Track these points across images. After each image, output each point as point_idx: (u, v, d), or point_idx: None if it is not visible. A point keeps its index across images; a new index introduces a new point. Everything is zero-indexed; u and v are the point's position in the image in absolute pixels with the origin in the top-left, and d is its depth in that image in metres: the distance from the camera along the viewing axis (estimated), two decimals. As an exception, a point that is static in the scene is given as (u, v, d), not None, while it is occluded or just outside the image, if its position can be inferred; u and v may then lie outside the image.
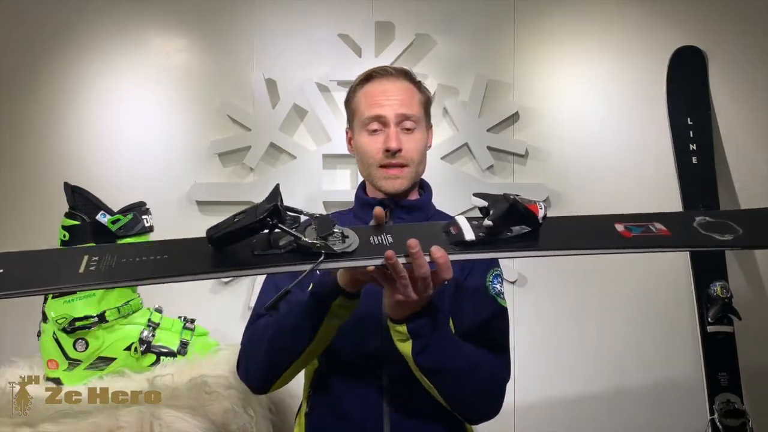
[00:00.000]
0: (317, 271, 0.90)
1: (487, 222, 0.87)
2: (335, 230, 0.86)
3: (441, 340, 0.99)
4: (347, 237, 0.87)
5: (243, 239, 0.84)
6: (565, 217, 0.98)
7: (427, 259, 0.87)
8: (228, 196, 2.25)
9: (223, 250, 0.84)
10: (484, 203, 0.91)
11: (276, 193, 0.84)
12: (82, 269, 0.81)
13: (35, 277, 0.81)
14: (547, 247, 0.90)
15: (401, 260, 0.86)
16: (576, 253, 0.91)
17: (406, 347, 0.98)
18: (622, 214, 0.97)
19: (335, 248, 0.84)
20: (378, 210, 0.90)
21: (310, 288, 1.02)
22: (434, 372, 1.00)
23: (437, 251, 0.87)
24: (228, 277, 0.86)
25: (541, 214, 0.88)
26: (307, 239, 0.84)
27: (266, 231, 0.84)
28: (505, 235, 0.89)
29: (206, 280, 0.86)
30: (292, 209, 0.87)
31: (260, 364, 1.07)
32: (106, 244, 1.32)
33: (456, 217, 0.93)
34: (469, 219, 0.92)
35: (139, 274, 0.82)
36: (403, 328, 0.96)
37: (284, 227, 0.83)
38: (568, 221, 0.98)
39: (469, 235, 0.88)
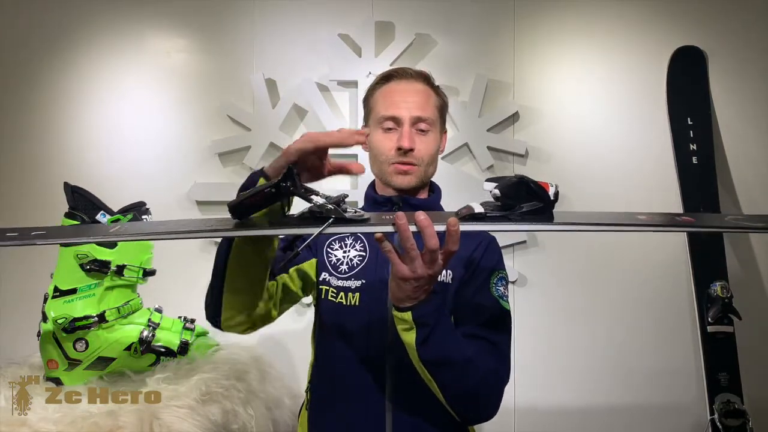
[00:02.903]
0: None
1: (495, 191, 0.87)
2: (349, 208, 0.88)
3: (444, 331, 0.99)
4: (359, 212, 0.89)
5: (260, 207, 0.88)
6: (582, 212, 0.96)
7: (437, 228, 0.88)
8: (228, 196, 2.21)
9: (242, 221, 0.89)
10: (494, 184, 0.91)
11: (293, 165, 0.88)
12: (112, 230, 0.94)
13: (71, 232, 1.00)
14: (562, 221, 0.88)
15: (412, 228, 0.87)
16: (592, 229, 0.90)
17: (409, 336, 0.99)
18: (646, 212, 0.95)
19: (346, 214, 0.86)
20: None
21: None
22: (435, 363, 1.00)
23: (452, 219, 0.87)
24: (244, 235, 0.95)
25: (551, 190, 0.87)
26: (317, 202, 0.87)
27: (281, 201, 0.88)
28: (516, 210, 0.88)
29: (224, 236, 0.98)
30: (307, 188, 0.90)
31: (209, 291, 1.10)
32: (135, 221, 1.45)
33: (468, 203, 0.94)
34: (482, 203, 0.92)
35: (164, 229, 0.91)
36: (408, 316, 0.97)
37: (297, 192, 0.86)
38: (588, 214, 0.96)
39: (479, 209, 0.89)
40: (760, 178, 2.29)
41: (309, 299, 1.27)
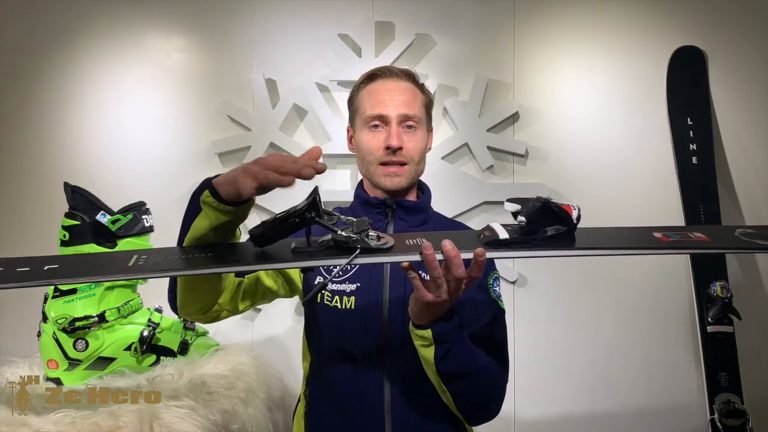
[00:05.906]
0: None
1: (521, 218, 0.87)
2: (371, 232, 0.87)
3: (461, 345, 1.00)
4: (382, 237, 0.89)
5: (283, 235, 0.87)
6: (601, 228, 0.97)
7: (463, 256, 0.87)
8: (228, 196, 2.25)
9: (265, 249, 0.88)
10: (516, 206, 0.91)
11: (315, 191, 0.86)
12: (131, 264, 0.86)
13: (87, 269, 0.87)
14: (585, 246, 0.89)
15: (438, 257, 0.87)
16: (614, 253, 0.90)
17: (428, 352, 0.99)
18: (660, 226, 0.96)
19: (371, 244, 0.86)
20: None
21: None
22: (452, 376, 1.01)
23: (479, 250, 0.86)
24: (267, 269, 0.96)
25: (575, 214, 0.88)
26: (343, 233, 0.86)
27: (304, 229, 0.87)
28: (540, 235, 0.89)
29: (246, 270, 0.96)
30: (329, 212, 0.89)
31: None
32: (156, 248, 1.33)
33: (489, 223, 0.94)
34: (504, 225, 0.92)
35: (187, 265, 0.86)
36: (428, 333, 0.97)
37: (322, 221, 0.85)
38: (605, 230, 0.97)
39: (503, 234, 0.88)
40: (760, 178, 2.29)
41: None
